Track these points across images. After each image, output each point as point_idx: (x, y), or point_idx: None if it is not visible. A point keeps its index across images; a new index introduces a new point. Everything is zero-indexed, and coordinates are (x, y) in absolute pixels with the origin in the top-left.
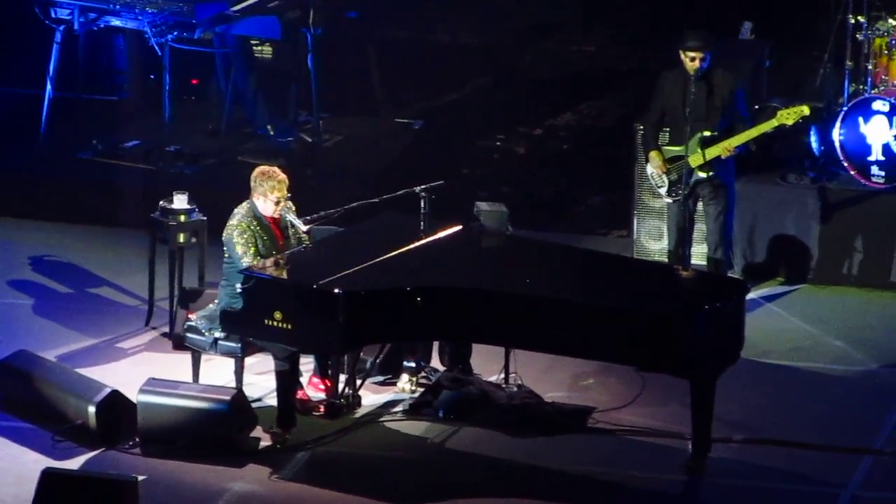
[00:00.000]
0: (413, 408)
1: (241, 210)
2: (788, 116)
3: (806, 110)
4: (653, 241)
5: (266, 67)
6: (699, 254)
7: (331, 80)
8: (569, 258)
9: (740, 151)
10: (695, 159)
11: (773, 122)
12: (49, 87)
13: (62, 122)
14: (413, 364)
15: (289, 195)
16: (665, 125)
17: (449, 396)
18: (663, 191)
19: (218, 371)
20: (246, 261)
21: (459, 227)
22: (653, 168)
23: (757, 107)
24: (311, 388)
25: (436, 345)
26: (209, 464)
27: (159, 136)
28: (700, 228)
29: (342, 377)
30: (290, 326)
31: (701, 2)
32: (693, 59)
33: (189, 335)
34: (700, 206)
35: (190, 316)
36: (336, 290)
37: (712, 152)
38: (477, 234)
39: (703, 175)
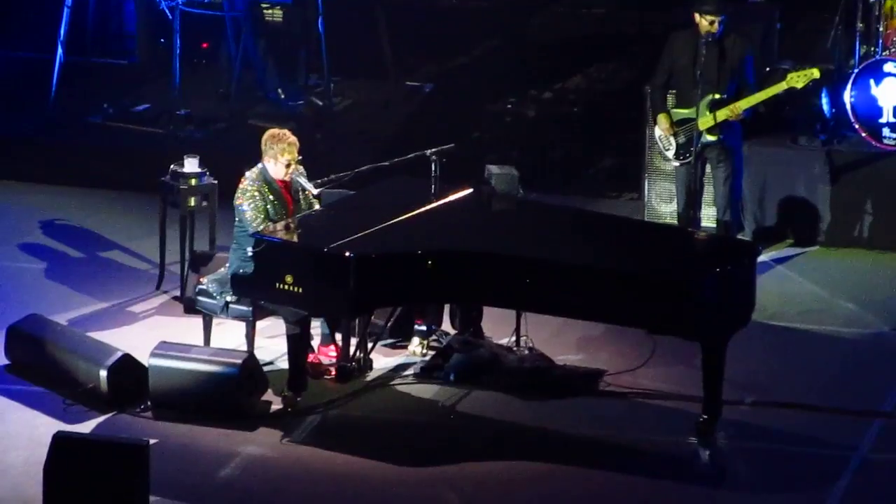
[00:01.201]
0: (424, 371)
1: (251, 174)
2: (798, 79)
3: (816, 73)
4: (664, 204)
5: (276, 31)
6: (710, 216)
7: (341, 43)
8: (579, 221)
9: (747, 116)
10: (704, 122)
11: (783, 85)
12: (59, 50)
13: (72, 86)
14: (424, 327)
15: (299, 158)
16: (672, 87)
17: (460, 360)
18: (671, 153)
19: (229, 335)
20: (256, 224)
21: (470, 191)
22: (660, 130)
23: (768, 69)
24: (322, 356)
25: (447, 308)
26: (220, 427)
27: (169, 99)
28: (710, 191)
29: (353, 340)
30: (300, 290)
31: None
32: (712, 23)
33: (200, 299)
34: (708, 169)
35: (201, 280)
36: (347, 254)
37: (722, 115)
38: (488, 198)
39: (711, 138)
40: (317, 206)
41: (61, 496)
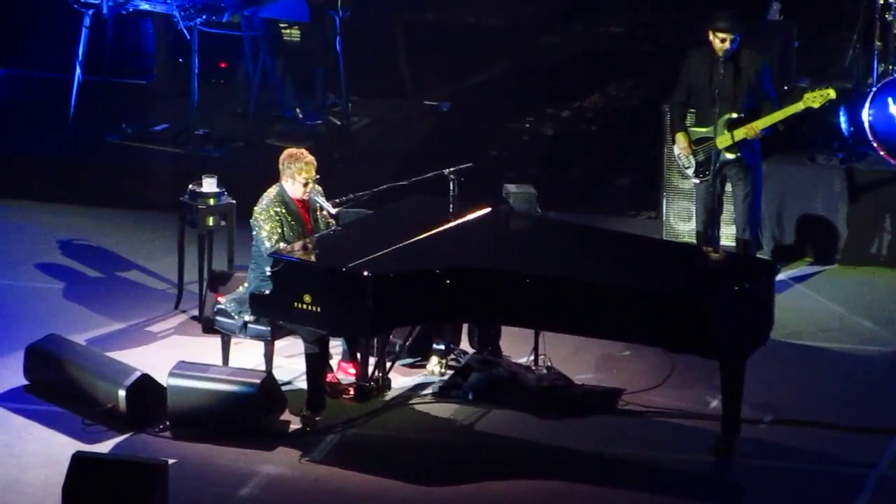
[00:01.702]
0: (442, 390)
1: (269, 194)
2: (814, 100)
3: (832, 93)
4: (682, 223)
5: (294, 50)
6: (728, 235)
7: (358, 62)
8: (597, 240)
9: (766, 133)
10: (722, 141)
11: (800, 106)
12: (78, 70)
13: (91, 106)
14: (442, 346)
15: (317, 177)
16: (691, 105)
17: (478, 379)
18: (690, 172)
19: (247, 354)
20: (273, 244)
21: (488, 209)
22: (679, 149)
23: (786, 87)
24: (341, 373)
25: (465, 327)
26: (239, 447)
27: (188, 119)
28: (729, 209)
29: (372, 360)
30: (318, 309)
31: None
32: (723, 41)
33: (218, 318)
34: (728, 187)
35: (219, 299)
36: (365, 273)
37: (739, 134)
38: (505, 216)
39: (730, 156)
40: (334, 226)
41: None
